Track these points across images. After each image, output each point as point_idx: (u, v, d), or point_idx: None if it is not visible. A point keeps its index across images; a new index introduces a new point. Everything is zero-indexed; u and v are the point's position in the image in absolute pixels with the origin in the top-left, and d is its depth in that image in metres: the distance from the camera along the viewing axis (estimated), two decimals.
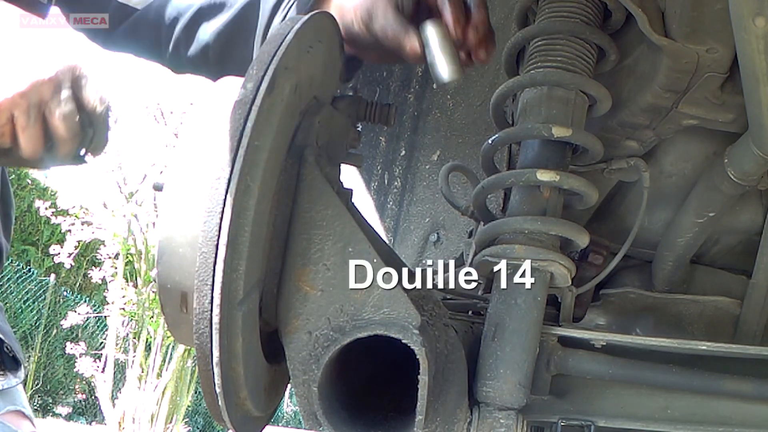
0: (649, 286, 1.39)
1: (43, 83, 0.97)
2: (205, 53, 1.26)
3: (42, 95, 0.97)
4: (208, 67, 1.01)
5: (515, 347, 0.99)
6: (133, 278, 8.29)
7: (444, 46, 0.97)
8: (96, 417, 9.96)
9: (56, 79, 0.97)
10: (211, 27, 1.25)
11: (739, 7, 0.80)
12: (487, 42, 1.05)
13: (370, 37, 1.03)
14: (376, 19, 1.02)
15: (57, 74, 0.97)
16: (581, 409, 1.06)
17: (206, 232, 0.76)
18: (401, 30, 1.00)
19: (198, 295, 0.76)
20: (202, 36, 1.26)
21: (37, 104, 0.97)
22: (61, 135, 0.98)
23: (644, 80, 1.10)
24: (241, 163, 0.77)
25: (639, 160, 1.20)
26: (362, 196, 1.83)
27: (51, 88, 0.97)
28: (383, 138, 1.79)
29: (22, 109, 0.96)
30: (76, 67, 0.99)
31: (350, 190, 1.00)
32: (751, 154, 1.05)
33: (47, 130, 0.98)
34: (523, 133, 1.08)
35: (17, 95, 0.96)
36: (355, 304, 0.86)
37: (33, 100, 0.96)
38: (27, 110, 0.96)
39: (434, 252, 1.66)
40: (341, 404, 0.90)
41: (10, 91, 0.96)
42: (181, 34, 1.28)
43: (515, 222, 1.03)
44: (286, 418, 15.10)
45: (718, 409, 1.05)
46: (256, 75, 0.81)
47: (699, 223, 1.24)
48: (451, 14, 1.00)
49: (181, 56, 1.30)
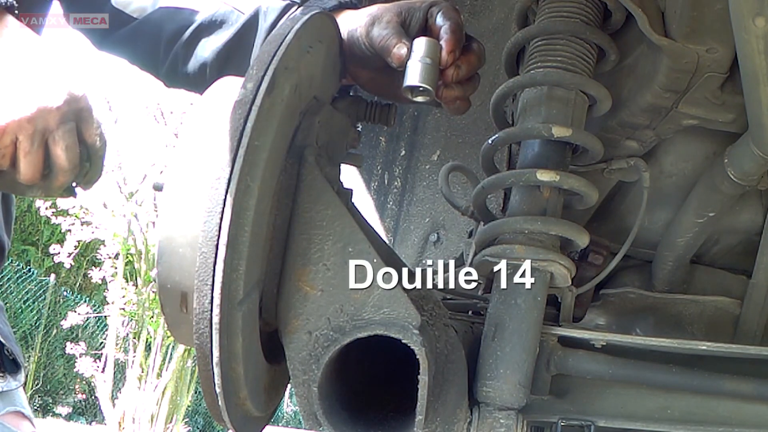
0: (649, 286, 1.39)
1: (51, 111, 0.97)
2: (203, 71, 1.26)
3: (48, 123, 0.97)
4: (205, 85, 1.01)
5: (515, 347, 0.99)
6: (133, 278, 8.30)
7: (428, 60, 0.97)
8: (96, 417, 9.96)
9: (63, 108, 0.98)
10: (210, 45, 1.26)
11: (739, 7, 0.80)
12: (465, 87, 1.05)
13: (366, 42, 1.04)
14: (377, 25, 1.03)
15: (64, 104, 0.98)
16: (581, 409, 1.06)
17: (206, 232, 0.76)
18: (395, 35, 1.01)
19: (198, 295, 0.76)
20: (200, 53, 1.27)
21: (42, 131, 0.97)
22: (62, 165, 0.99)
23: (644, 80, 1.10)
24: (241, 163, 0.77)
25: (639, 160, 1.20)
26: (362, 196, 1.83)
27: (58, 117, 0.97)
28: (383, 138, 1.79)
29: (27, 133, 0.96)
30: (82, 98, 1.00)
31: (350, 190, 1.00)
32: (751, 154, 1.05)
33: (47, 158, 0.99)
34: (523, 133, 1.08)
35: (24, 119, 0.96)
36: (355, 304, 0.86)
37: (39, 126, 0.96)
38: (32, 135, 0.96)
39: (434, 252, 1.66)
40: (341, 404, 0.90)
41: (18, 113, 0.96)
42: (179, 50, 1.29)
43: (515, 222, 1.03)
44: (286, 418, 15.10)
45: (718, 409, 1.05)
46: (256, 75, 0.81)
47: (699, 223, 1.24)
48: (448, 40, 1.00)
49: (177, 72, 1.31)
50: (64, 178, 1.01)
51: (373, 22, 1.04)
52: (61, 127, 0.98)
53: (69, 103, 0.98)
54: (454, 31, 1.01)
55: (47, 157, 0.99)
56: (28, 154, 0.97)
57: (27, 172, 0.98)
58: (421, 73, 0.96)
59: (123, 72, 9.38)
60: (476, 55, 1.05)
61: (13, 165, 0.98)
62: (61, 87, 0.98)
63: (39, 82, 0.98)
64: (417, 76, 0.96)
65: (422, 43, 0.98)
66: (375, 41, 1.02)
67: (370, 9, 1.07)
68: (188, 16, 1.29)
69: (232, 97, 0.81)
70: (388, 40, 1.00)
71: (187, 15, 1.29)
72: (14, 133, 0.96)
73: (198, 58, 1.27)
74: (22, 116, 0.96)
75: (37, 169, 0.99)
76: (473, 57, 1.04)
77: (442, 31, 1.02)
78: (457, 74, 1.02)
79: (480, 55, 1.06)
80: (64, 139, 0.98)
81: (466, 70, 1.03)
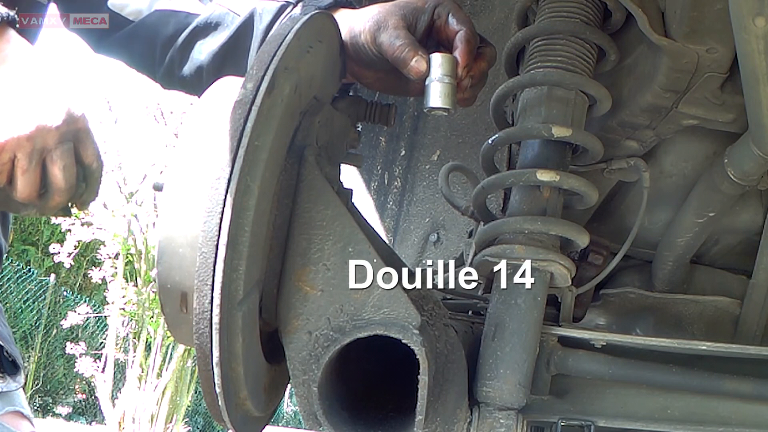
0: (649, 286, 1.39)
1: (50, 130, 0.97)
2: (199, 74, 1.26)
3: (46, 142, 0.97)
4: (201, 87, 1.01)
5: (515, 347, 0.99)
6: (133, 278, 8.29)
7: (447, 79, 0.99)
8: (96, 417, 9.96)
9: (62, 128, 0.98)
10: (206, 47, 1.26)
11: (739, 7, 0.80)
12: (474, 89, 1.07)
13: (374, 49, 1.03)
14: (384, 30, 1.02)
15: (63, 124, 0.98)
16: (581, 409, 1.06)
17: (206, 232, 0.76)
18: (411, 46, 1.00)
19: (198, 295, 0.76)
20: (196, 56, 1.27)
21: (41, 150, 0.97)
22: (58, 185, 0.99)
23: (644, 80, 1.10)
24: (241, 163, 0.77)
25: (639, 160, 1.20)
26: (362, 196, 1.83)
27: (56, 137, 0.98)
28: (383, 138, 1.79)
29: (26, 151, 0.96)
30: (81, 119, 1.00)
31: (350, 190, 1.00)
32: (751, 154, 1.05)
33: (44, 177, 0.99)
34: (523, 133, 1.08)
35: (24, 137, 0.96)
36: (355, 304, 0.86)
37: (37, 145, 0.97)
38: (30, 154, 0.96)
39: (434, 252, 1.66)
40: (341, 404, 0.90)
41: (17, 131, 0.96)
42: (175, 53, 1.29)
43: (515, 222, 1.03)
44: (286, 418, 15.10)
45: (718, 409, 1.05)
46: (256, 75, 0.81)
47: (699, 223, 1.24)
48: (464, 54, 1.01)
49: (174, 75, 1.31)
50: (60, 198, 1.01)
51: (378, 27, 1.03)
52: (59, 147, 0.98)
53: (68, 123, 0.98)
54: (468, 40, 1.02)
55: (44, 176, 0.99)
56: (26, 172, 0.97)
57: (24, 190, 0.98)
58: (443, 93, 0.99)
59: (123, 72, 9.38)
60: (487, 61, 1.06)
61: (10, 182, 0.98)
62: (60, 107, 0.98)
63: (39, 100, 0.98)
64: (440, 98, 0.99)
65: (439, 60, 0.99)
66: (386, 50, 1.02)
67: (371, 11, 1.06)
68: (183, 19, 1.29)
69: (231, 97, 0.81)
70: (403, 51, 1.00)
71: (183, 18, 1.29)
72: (12, 151, 0.96)
73: (194, 61, 1.27)
74: (21, 134, 0.96)
75: (34, 188, 0.99)
76: (484, 64, 1.06)
77: (456, 39, 1.02)
78: (470, 83, 1.04)
79: (491, 59, 1.07)
80: (61, 158, 0.98)
81: (477, 78, 1.05)
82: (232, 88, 0.87)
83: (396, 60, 1.01)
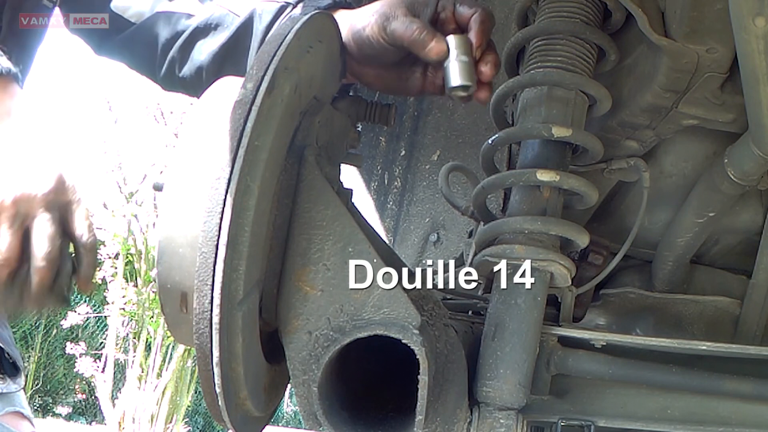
0: (649, 286, 1.39)
1: (35, 198, 0.93)
2: (199, 74, 1.27)
3: (30, 209, 0.93)
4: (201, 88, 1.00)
5: (515, 347, 0.99)
6: (133, 278, 8.29)
7: (464, 57, 1.00)
8: (96, 417, 9.96)
9: (50, 196, 0.94)
10: (206, 48, 1.26)
11: (739, 7, 0.80)
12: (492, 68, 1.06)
13: (383, 39, 1.03)
14: (395, 19, 1.02)
15: (51, 192, 0.94)
16: (581, 409, 1.06)
17: (206, 232, 0.76)
18: (427, 29, 1.00)
19: (198, 295, 0.76)
20: (196, 57, 1.27)
21: (24, 215, 0.93)
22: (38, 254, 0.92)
23: (644, 80, 1.10)
24: (241, 163, 0.77)
25: (639, 160, 1.20)
26: (362, 196, 1.83)
27: (42, 205, 0.93)
28: (383, 138, 1.79)
29: (8, 214, 0.92)
30: (70, 189, 0.96)
31: (350, 190, 1.00)
32: (751, 154, 1.05)
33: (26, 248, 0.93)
34: (523, 133, 1.08)
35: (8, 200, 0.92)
36: (355, 304, 0.86)
37: (21, 209, 0.92)
38: (13, 217, 0.92)
39: (434, 252, 1.66)
40: (341, 404, 0.90)
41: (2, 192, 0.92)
42: (175, 54, 1.29)
43: (515, 222, 1.03)
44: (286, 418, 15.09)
45: (718, 409, 1.05)
46: (256, 75, 0.81)
47: (699, 223, 1.24)
48: (478, 34, 1.01)
49: (174, 76, 1.31)
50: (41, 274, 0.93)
51: (386, 17, 1.03)
52: (43, 216, 0.93)
53: (56, 193, 0.94)
54: (483, 21, 1.02)
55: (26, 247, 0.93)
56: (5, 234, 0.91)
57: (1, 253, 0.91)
58: (462, 71, 0.99)
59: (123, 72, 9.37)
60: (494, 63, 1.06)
61: None
62: (51, 175, 0.95)
63: (31, 165, 0.95)
64: (460, 76, 0.99)
65: (454, 42, 1.00)
66: (401, 35, 1.01)
67: (372, 7, 1.06)
68: (184, 21, 1.30)
69: (231, 97, 0.81)
70: (421, 34, 1.00)
71: (183, 19, 1.30)
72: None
73: (194, 62, 1.27)
74: (5, 196, 0.92)
75: (13, 254, 0.92)
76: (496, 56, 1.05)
77: (471, 21, 1.03)
78: (488, 74, 1.03)
79: None
80: (44, 227, 0.93)
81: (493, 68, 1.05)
82: (232, 88, 0.87)
83: (414, 43, 1.01)
